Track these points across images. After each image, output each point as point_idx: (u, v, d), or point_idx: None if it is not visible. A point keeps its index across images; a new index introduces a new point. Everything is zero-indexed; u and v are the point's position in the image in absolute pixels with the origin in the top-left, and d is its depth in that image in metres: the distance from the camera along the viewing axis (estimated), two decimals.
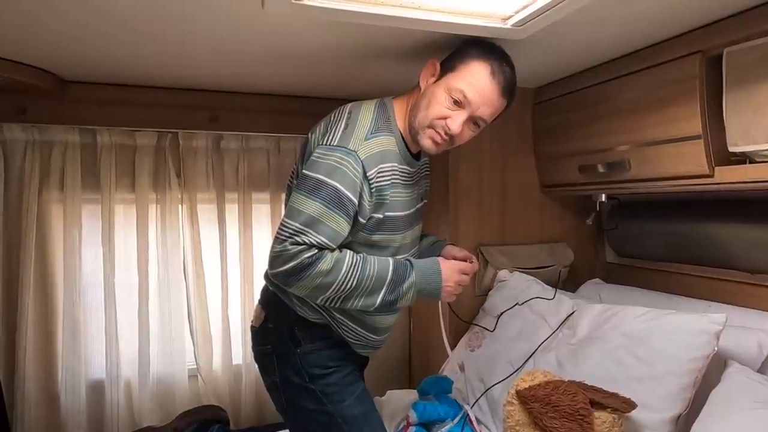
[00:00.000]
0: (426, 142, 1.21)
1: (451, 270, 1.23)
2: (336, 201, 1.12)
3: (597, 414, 1.05)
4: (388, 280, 1.17)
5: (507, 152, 1.90)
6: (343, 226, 1.13)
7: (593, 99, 1.61)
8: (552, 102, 1.80)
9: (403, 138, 1.26)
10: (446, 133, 1.19)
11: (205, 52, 1.42)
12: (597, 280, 1.92)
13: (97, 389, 1.83)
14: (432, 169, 1.88)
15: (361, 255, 1.18)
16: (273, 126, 1.98)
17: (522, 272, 1.82)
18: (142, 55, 1.46)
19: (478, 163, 1.88)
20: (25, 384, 1.71)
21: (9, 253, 1.73)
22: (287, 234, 1.10)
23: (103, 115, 1.79)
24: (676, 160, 1.34)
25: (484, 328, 1.72)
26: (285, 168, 2.03)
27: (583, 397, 1.04)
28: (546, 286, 1.75)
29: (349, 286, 1.14)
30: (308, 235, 1.09)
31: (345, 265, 1.13)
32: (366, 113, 1.23)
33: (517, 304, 1.68)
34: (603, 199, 1.80)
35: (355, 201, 1.14)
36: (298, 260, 1.08)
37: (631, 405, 1.09)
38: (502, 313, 1.70)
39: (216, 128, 1.92)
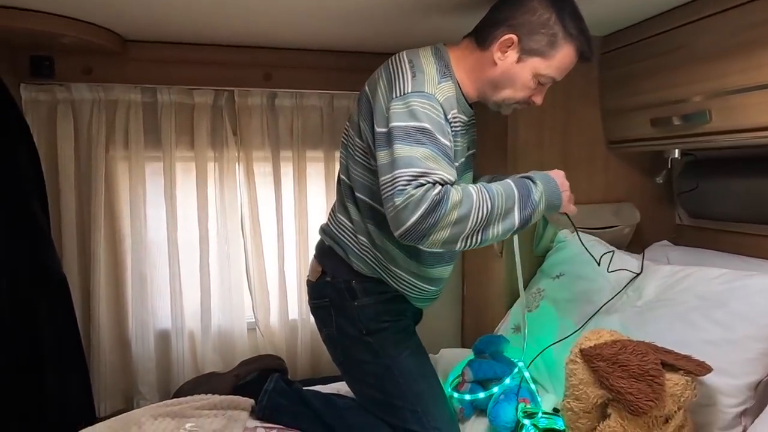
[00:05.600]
0: (507, 112, 1.31)
1: (557, 175, 1.20)
2: (434, 142, 1.05)
3: (668, 376, 0.99)
4: (516, 196, 1.09)
5: (570, 107, 1.80)
6: (447, 165, 1.06)
7: (668, 46, 1.48)
8: (622, 51, 1.67)
9: (459, 87, 1.22)
10: (529, 105, 1.26)
11: (262, 6, 1.40)
12: (665, 242, 1.81)
13: (164, 338, 1.93)
14: (488, 126, 1.82)
15: (479, 183, 1.11)
16: (326, 83, 1.96)
17: (584, 232, 1.74)
18: (199, 12, 1.46)
19: (539, 119, 1.78)
20: (100, 331, 1.82)
21: (81, 209, 1.83)
22: (404, 182, 1.00)
23: (162, 74, 1.82)
24: (766, 108, 1.21)
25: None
26: (338, 126, 2.01)
27: (654, 357, 0.99)
28: (610, 247, 1.66)
29: (485, 212, 1.04)
30: (428, 175, 1.00)
31: (472, 191, 1.05)
32: (427, 60, 1.19)
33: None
34: (676, 156, 1.67)
35: (449, 144, 1.09)
36: (429, 200, 0.98)
37: (706, 368, 1.03)
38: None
39: (270, 86, 1.92)
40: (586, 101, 1.80)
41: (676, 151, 1.67)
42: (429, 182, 1.01)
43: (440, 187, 1.01)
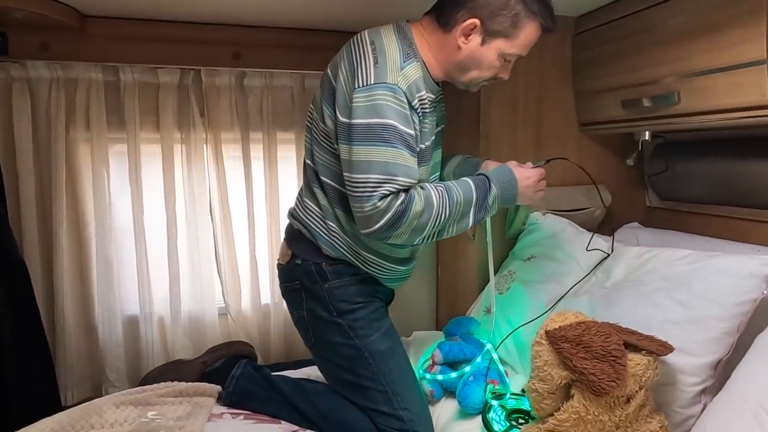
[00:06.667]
0: (475, 89, 1.31)
1: (522, 175, 1.24)
2: (398, 138, 1.08)
3: (631, 356, 1.00)
4: (474, 201, 1.17)
5: (544, 88, 1.78)
6: (412, 161, 1.11)
7: (638, 27, 1.47)
8: (594, 31, 1.66)
9: (425, 66, 1.20)
10: (496, 80, 1.27)
11: None
12: (635, 224, 1.83)
13: (132, 324, 1.89)
14: (462, 106, 1.80)
15: (442, 184, 1.17)
16: (297, 62, 1.91)
17: (556, 215, 1.75)
18: None
19: (513, 100, 1.77)
20: (64, 318, 1.77)
21: (42, 193, 1.76)
22: (370, 189, 1.07)
23: (124, 52, 1.75)
24: (733, 90, 1.21)
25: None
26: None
27: (617, 338, 1.00)
28: (581, 229, 1.67)
29: (443, 218, 1.14)
30: (391, 182, 1.07)
31: (434, 199, 1.13)
32: (390, 41, 1.16)
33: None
34: (646, 138, 1.67)
35: (413, 133, 1.11)
36: (392, 211, 1.07)
37: (667, 348, 1.04)
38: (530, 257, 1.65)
39: (239, 65, 1.86)
40: (560, 83, 1.79)
41: (647, 133, 1.67)
42: (393, 191, 1.08)
43: (403, 195, 1.09)
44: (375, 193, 1.07)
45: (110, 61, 1.75)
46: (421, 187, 1.13)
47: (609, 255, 1.47)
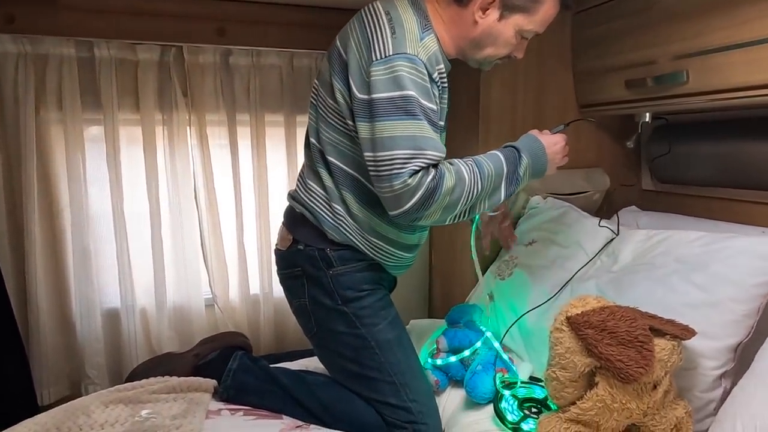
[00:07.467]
0: (488, 68, 1.27)
1: (549, 141, 1.21)
2: (422, 111, 1.03)
3: (655, 341, 0.97)
4: (505, 173, 1.12)
5: (544, 70, 1.74)
6: (435, 136, 1.05)
7: (646, 3, 1.43)
8: (598, 9, 1.61)
9: (439, 42, 1.14)
10: (510, 59, 1.23)
11: None
12: (633, 207, 1.80)
13: (112, 317, 1.78)
14: (461, 86, 1.74)
15: (470, 158, 1.11)
16: (286, 40, 1.82)
17: (556, 198, 1.71)
18: None
19: (513, 81, 1.72)
20: (38, 311, 1.66)
21: (11, 177, 1.64)
22: (398, 166, 1.00)
23: (100, 26, 1.62)
24: (750, 67, 1.18)
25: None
26: (299, 87, 1.88)
27: (642, 322, 0.96)
28: (583, 212, 1.64)
29: (475, 194, 1.08)
30: (419, 157, 1.00)
31: (465, 173, 1.07)
32: (406, 12, 1.11)
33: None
34: (647, 120, 1.65)
35: (434, 108, 1.06)
36: (424, 187, 1.01)
37: (690, 332, 1.01)
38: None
39: (224, 42, 1.76)
40: (560, 64, 1.75)
41: (648, 114, 1.64)
42: (423, 166, 1.01)
43: (434, 171, 1.03)
44: (404, 170, 0.99)
45: (84, 35, 1.62)
46: (450, 163, 1.08)
47: (617, 236, 1.43)
